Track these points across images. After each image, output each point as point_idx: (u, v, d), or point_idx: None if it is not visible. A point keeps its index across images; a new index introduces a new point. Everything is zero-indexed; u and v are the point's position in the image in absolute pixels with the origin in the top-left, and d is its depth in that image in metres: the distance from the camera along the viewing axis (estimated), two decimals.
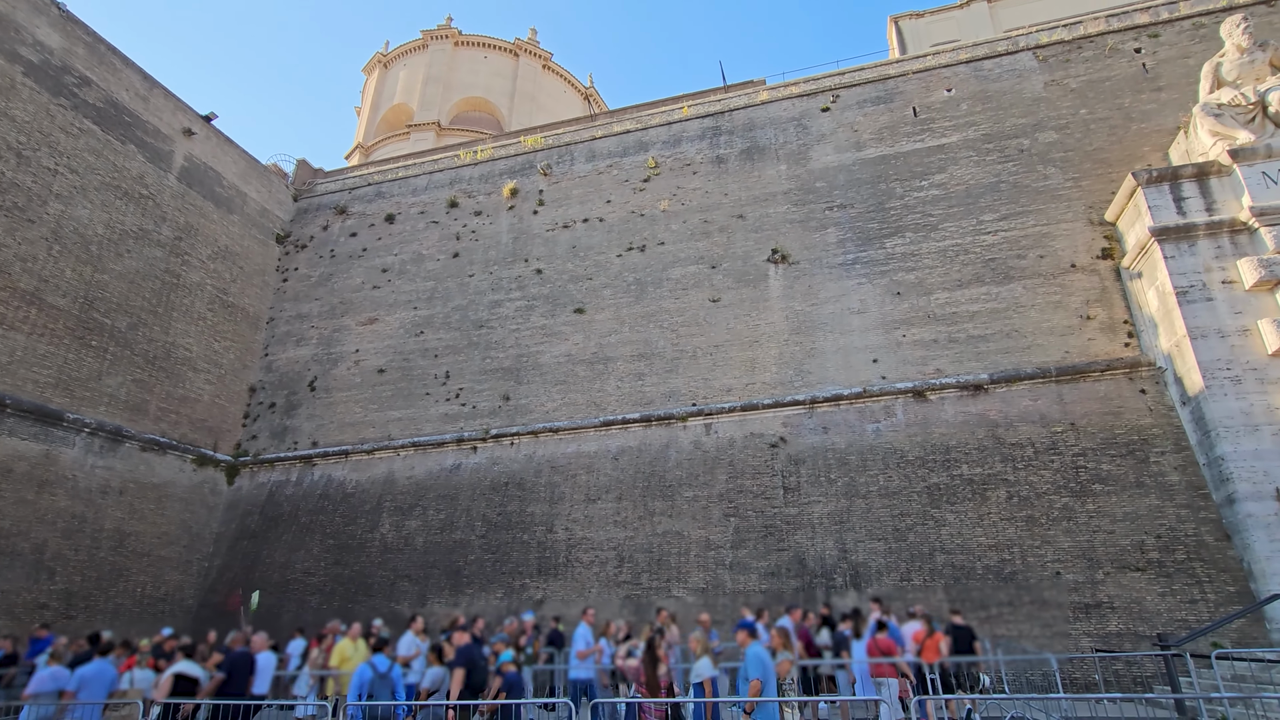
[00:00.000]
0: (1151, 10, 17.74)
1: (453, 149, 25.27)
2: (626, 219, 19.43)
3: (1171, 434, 12.67)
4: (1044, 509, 12.55)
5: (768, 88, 20.57)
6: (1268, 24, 15.94)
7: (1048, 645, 11.21)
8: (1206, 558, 11.38)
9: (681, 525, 14.46)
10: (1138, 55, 17.03)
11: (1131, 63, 16.98)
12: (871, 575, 12.79)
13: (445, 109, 37.30)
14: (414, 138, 35.71)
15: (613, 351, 17.46)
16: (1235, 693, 9.12)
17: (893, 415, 14.49)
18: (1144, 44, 17.15)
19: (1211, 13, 16.98)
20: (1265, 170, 12.68)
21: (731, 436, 15.34)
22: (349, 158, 39.17)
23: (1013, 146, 16.75)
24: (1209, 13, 17.03)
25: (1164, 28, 17.24)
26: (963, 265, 15.72)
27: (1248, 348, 11.91)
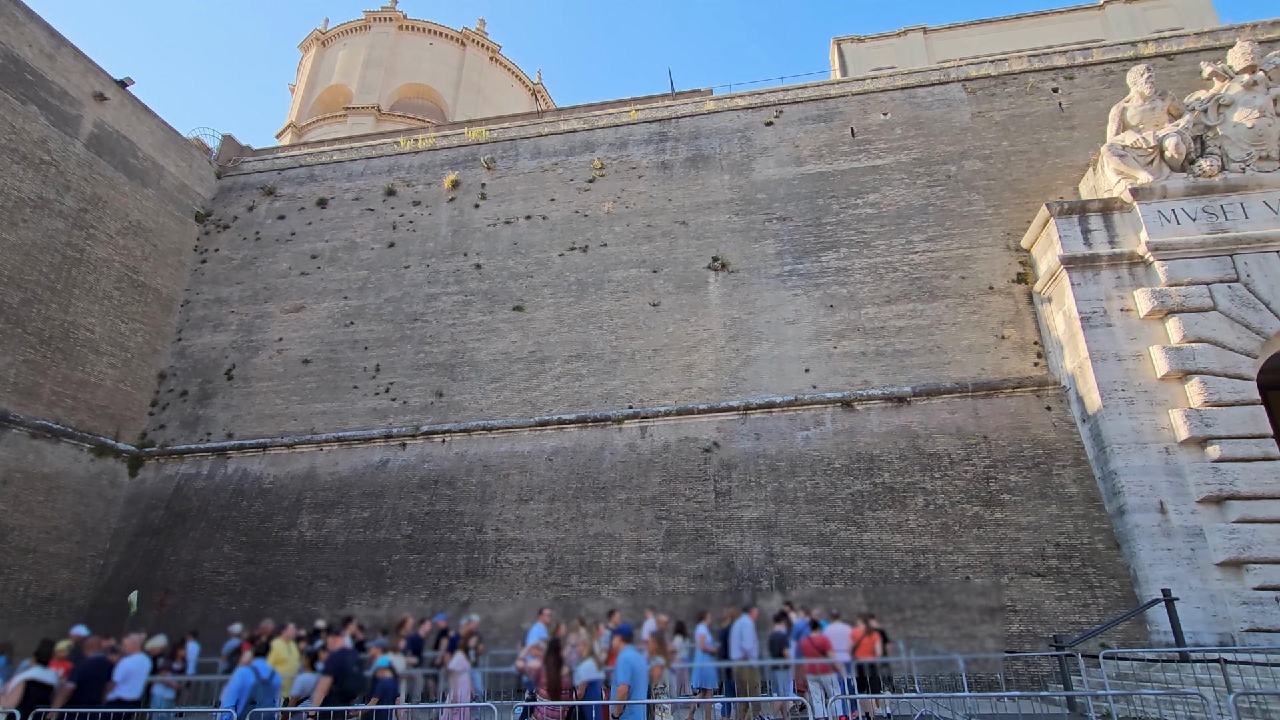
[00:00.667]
0: (1068, 54, 19.07)
1: (392, 135, 24.51)
2: (570, 218, 19.34)
3: (1072, 449, 13.62)
4: (957, 517, 13.24)
5: (714, 98, 20.91)
6: (1167, 76, 17.40)
7: (956, 646, 11.82)
8: (1098, 564, 12.29)
9: (614, 527, 14.48)
10: (1055, 94, 18.27)
11: (1049, 101, 18.20)
12: (796, 578, 13.17)
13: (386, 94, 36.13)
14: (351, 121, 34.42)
15: (551, 351, 17.33)
16: (1118, 690, 9.89)
17: (822, 424, 14.98)
18: (1060, 85, 18.42)
19: (1120, 61, 18.40)
20: (1161, 209, 13.83)
21: (667, 440, 15.48)
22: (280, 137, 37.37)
23: (941, 172, 17.64)
24: (1117, 61, 18.46)
25: (1078, 71, 18.57)
26: (892, 282, 16.42)
27: (1140, 371, 12.95)
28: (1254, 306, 12.72)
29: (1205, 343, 12.57)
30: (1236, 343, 12.51)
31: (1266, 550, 11.15)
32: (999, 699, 10.09)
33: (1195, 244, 13.31)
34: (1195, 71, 16.69)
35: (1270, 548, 11.15)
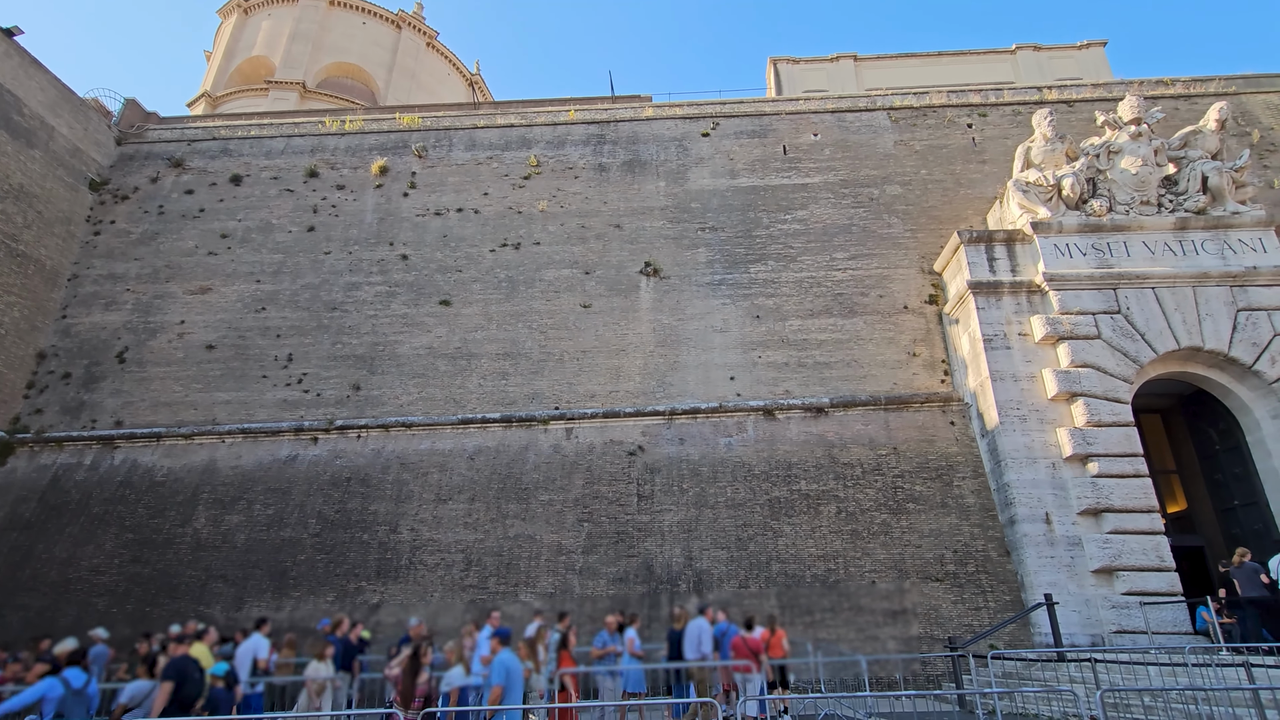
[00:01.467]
0: (982, 93, 20.43)
1: (318, 114, 23.39)
2: (503, 214, 19.03)
3: (971, 462, 14.55)
4: (866, 524, 13.88)
5: (654, 105, 21.13)
6: (1067, 120, 18.91)
7: (860, 648, 12.37)
8: (991, 570, 13.18)
9: (535, 529, 14.32)
10: (969, 129, 19.52)
11: (964, 135, 19.42)
12: (713, 582, 13.43)
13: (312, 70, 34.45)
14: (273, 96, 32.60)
15: (478, 348, 16.97)
16: (1003, 688, 10.62)
17: (744, 431, 15.35)
18: (975, 121, 19.69)
19: (1027, 103, 19.87)
20: (1057, 243, 15.01)
21: (592, 442, 15.46)
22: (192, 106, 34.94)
23: (865, 195, 18.49)
24: (1025, 103, 19.92)
25: (991, 109, 19.91)
26: (815, 297, 17.05)
27: (1034, 392, 13.99)
28: (1132, 337, 13.99)
29: (1089, 368, 13.72)
30: (1116, 369, 13.73)
31: (1134, 559, 12.27)
32: (897, 698, 10.61)
33: (1085, 277, 14.51)
34: (1091, 119, 18.22)
35: (1137, 557, 12.28)
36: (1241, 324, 13.88)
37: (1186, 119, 18.19)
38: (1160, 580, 12.13)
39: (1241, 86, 19.66)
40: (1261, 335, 13.76)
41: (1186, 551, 14.90)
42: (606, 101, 23.42)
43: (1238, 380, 13.98)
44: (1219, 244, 14.69)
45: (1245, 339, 13.77)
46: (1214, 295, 14.19)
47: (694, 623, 9.75)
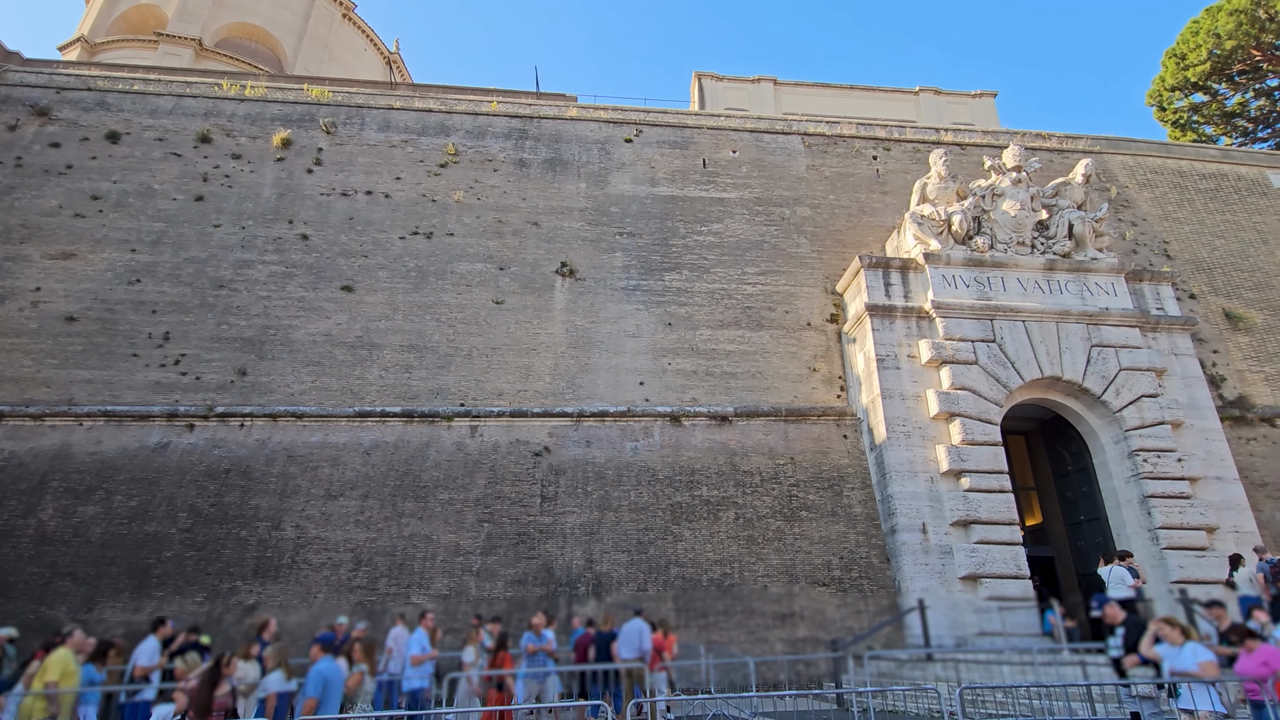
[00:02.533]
0: (887, 129, 21.82)
1: (215, 76, 21.68)
2: (416, 201, 18.36)
3: (860, 474, 15.44)
4: (762, 530, 14.42)
5: (579, 105, 21.08)
6: (959, 162, 20.52)
7: (750, 650, 12.82)
8: (872, 576, 14.03)
9: (432, 529, 13.86)
10: (874, 161, 20.78)
11: (870, 166, 20.66)
12: (613, 585, 13.50)
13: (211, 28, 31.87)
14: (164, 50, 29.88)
15: (381, 338, 16.26)
16: (876, 687, 11.33)
17: (650, 436, 15.56)
18: (879, 154, 20.99)
19: (926, 142, 21.41)
20: (945, 274, 16.24)
21: (497, 441, 15.17)
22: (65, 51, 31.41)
23: (777, 214, 19.26)
24: (924, 142, 21.46)
25: (894, 144, 21.30)
26: (726, 308, 17.56)
27: (918, 410, 15.04)
28: (1004, 364, 15.35)
29: (967, 390, 14.93)
30: (989, 393, 15.01)
31: (996, 567, 13.44)
32: (781, 698, 11.07)
33: (967, 307, 15.79)
34: (980, 162, 19.87)
35: (998, 565, 13.46)
36: (1094, 358, 15.56)
37: (1059, 171, 20.21)
38: (1017, 587, 13.34)
39: (1104, 147, 22.08)
40: (1110, 369, 15.47)
41: (1040, 561, 16.47)
42: (531, 97, 23.14)
43: (1089, 408, 15.64)
44: (1079, 285, 16.40)
45: (1096, 372, 15.44)
46: (1073, 331, 15.82)
47: (633, 623, 10.13)
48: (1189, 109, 36.71)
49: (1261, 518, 15.17)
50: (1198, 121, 36.85)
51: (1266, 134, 36.54)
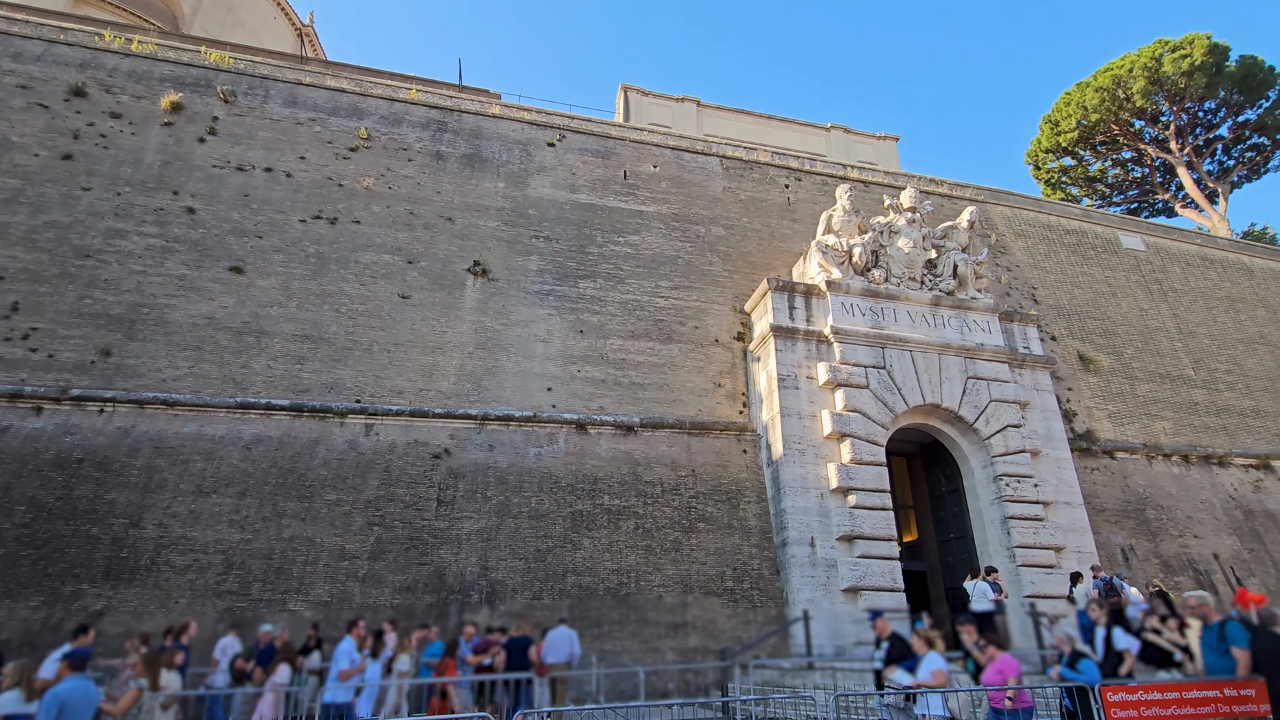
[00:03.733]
0: (800, 160, 22.92)
1: (96, 25, 19.66)
2: (321, 184, 17.39)
3: (757, 488, 15.99)
4: (660, 540, 14.61)
5: (502, 103, 20.76)
6: (862, 198, 21.85)
7: (642, 659, 12.92)
8: (763, 587, 14.54)
9: (315, 531, 13.06)
10: (786, 190, 21.75)
11: (782, 194, 21.60)
12: (507, 593, 13.23)
13: None
14: None
15: (272, 326, 15.21)
16: (759, 695, 11.73)
17: (555, 443, 15.43)
18: (791, 183, 22.00)
19: (834, 176, 22.65)
20: (844, 301, 17.20)
21: (394, 441, 14.54)
22: None
23: (693, 231, 19.73)
24: (832, 176, 22.70)
25: (805, 175, 22.39)
26: (638, 320, 17.75)
27: (813, 429, 15.79)
28: (891, 390, 16.41)
29: (857, 413, 15.84)
30: (877, 416, 15.99)
31: (875, 580, 14.28)
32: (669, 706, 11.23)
33: (862, 334, 16.78)
34: (880, 200, 21.24)
35: (877, 578, 14.31)
36: (969, 389, 16.94)
37: (948, 215, 21.95)
38: (892, 599, 14.22)
39: (987, 197, 24.20)
40: (982, 400, 16.89)
41: (913, 575, 17.66)
42: (453, 89, 22.56)
43: (962, 435, 17.00)
44: (960, 321, 17.85)
45: (970, 402, 16.81)
46: (953, 363, 17.17)
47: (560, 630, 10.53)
48: (1059, 170, 41.00)
49: (1100, 539, 16.99)
50: (1065, 182, 41.22)
51: (1120, 199, 41.39)
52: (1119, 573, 15.26)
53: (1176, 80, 33.94)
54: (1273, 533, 19.38)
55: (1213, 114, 36.28)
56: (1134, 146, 38.22)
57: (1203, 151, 37.39)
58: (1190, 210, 38.09)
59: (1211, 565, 17.97)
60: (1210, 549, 18.29)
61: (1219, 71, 33.84)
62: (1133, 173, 39.99)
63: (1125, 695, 7.04)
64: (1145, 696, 7.07)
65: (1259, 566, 18.41)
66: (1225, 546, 18.49)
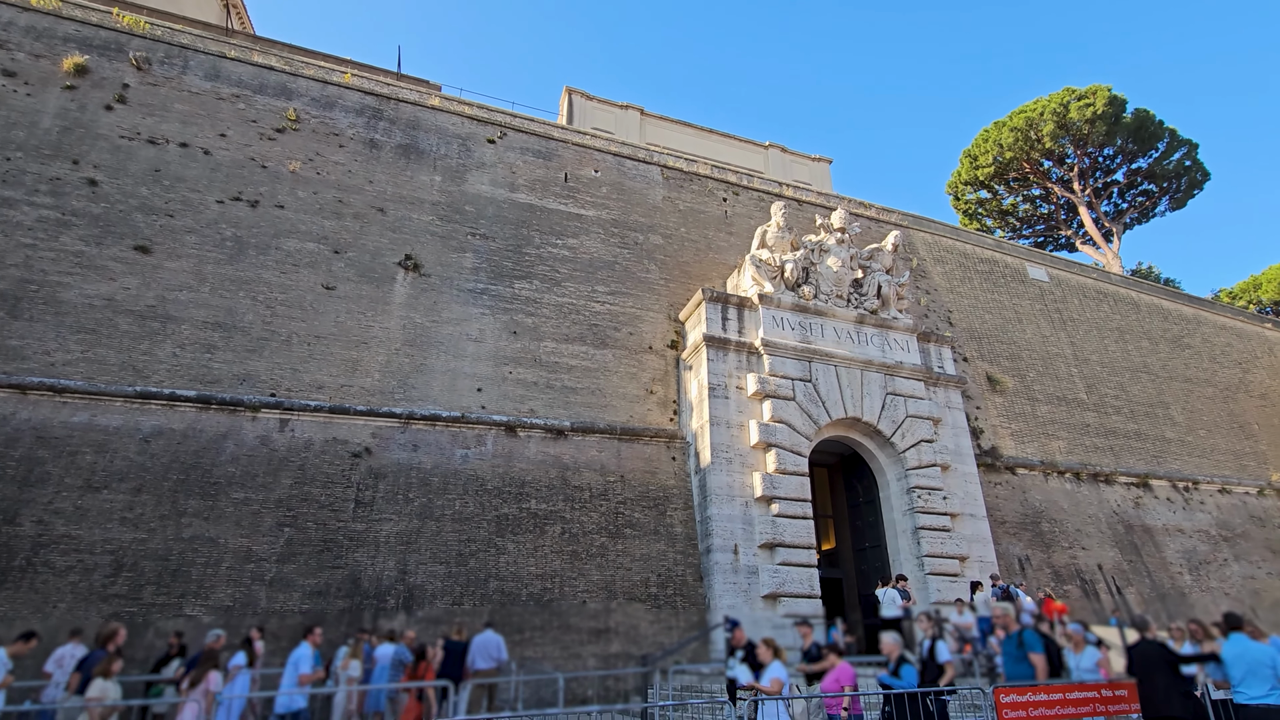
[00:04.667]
0: (738, 175, 23.44)
1: None
2: (242, 164, 16.47)
3: (684, 495, 16.17)
4: (586, 546, 14.54)
5: (442, 95, 20.28)
6: (796, 216, 22.56)
7: (563, 665, 12.80)
8: (686, 593, 14.68)
9: (220, 531, 12.28)
10: (724, 203, 22.19)
11: (720, 207, 22.02)
12: (426, 598, 12.83)
13: None
14: None
15: (180, 311, 14.25)
16: (678, 700, 11.82)
17: (483, 445, 15.12)
18: (729, 197, 22.47)
19: (769, 193, 23.29)
20: (775, 315, 17.67)
21: (311, 438, 13.87)
22: None
23: (631, 238, 19.83)
24: (768, 193, 23.33)
25: (743, 190, 22.92)
26: (573, 323, 17.66)
27: (741, 439, 16.12)
28: (816, 403, 16.97)
29: (783, 424, 16.28)
30: (802, 427, 16.49)
31: (794, 587, 14.68)
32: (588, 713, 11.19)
33: (790, 348, 17.28)
34: (813, 219, 21.98)
35: (796, 585, 14.72)
36: (888, 404, 17.72)
37: (874, 237, 22.94)
38: (809, 605, 14.66)
39: (911, 223, 25.46)
40: (899, 415, 17.70)
41: (830, 582, 18.26)
42: (391, 77, 21.90)
43: (880, 448, 17.75)
44: (882, 340, 18.66)
45: (889, 416, 17.59)
46: (874, 379, 17.93)
47: (486, 634, 10.61)
48: (976, 202, 43.62)
49: (1000, 550, 18.09)
50: (981, 213, 43.89)
51: (1029, 232, 44.41)
52: (1016, 581, 16.30)
53: (1081, 126, 36.80)
54: (1148, 546, 21.18)
55: (1111, 160, 39.54)
56: (1042, 184, 41.13)
57: (1101, 194, 40.66)
58: (1089, 247, 41.31)
59: (1096, 575, 19.44)
60: (1095, 560, 19.80)
61: (1117, 121, 36.94)
62: (1041, 209, 43.02)
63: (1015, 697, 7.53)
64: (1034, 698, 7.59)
65: (1135, 576, 20.06)
66: (1108, 558, 20.05)
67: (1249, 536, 23.26)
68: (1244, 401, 27.72)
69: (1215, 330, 29.72)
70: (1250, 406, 27.74)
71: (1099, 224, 40.48)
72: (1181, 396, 26.20)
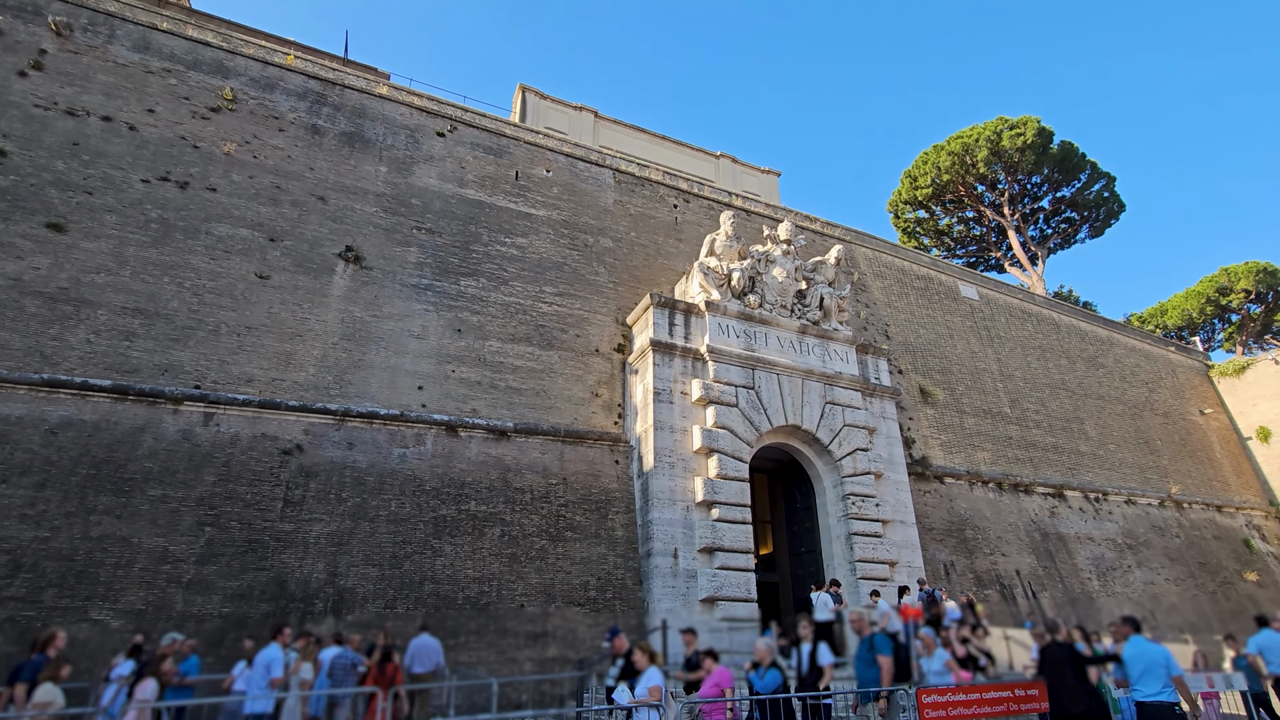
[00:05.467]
0: (690, 183, 23.70)
1: None
2: (172, 142, 15.62)
3: (626, 499, 16.19)
4: (526, 549, 14.36)
5: (391, 84, 19.74)
6: (744, 226, 22.96)
7: (498, 670, 12.59)
8: (625, 597, 14.69)
9: (133, 530, 11.56)
10: (674, 210, 22.39)
11: (670, 213, 22.19)
12: (357, 602, 12.41)
13: None
14: None
15: (97, 295, 13.38)
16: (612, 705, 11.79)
17: (423, 444, 14.75)
18: (679, 204, 22.68)
19: (719, 203, 23.64)
20: (721, 322, 17.93)
21: (237, 433, 13.23)
22: None
23: (581, 240, 19.76)
24: (718, 202, 23.67)
25: (693, 199, 23.17)
26: (520, 323, 17.46)
27: (684, 443, 16.26)
28: (759, 410, 17.29)
29: (726, 430, 16.52)
30: (744, 433, 16.77)
31: (731, 591, 14.89)
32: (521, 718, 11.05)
33: (735, 355, 17.56)
34: (760, 230, 22.42)
35: (733, 589, 14.93)
36: (827, 413, 18.22)
37: (818, 250, 23.58)
38: (746, 609, 14.90)
39: (853, 238, 26.28)
40: (837, 424, 18.22)
41: (766, 586, 18.61)
42: (337, 62, 21.20)
43: (818, 456, 18.22)
44: (823, 350, 19.18)
45: (827, 425, 18.08)
46: (814, 388, 18.40)
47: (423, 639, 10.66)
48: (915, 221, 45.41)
49: (927, 555, 18.82)
50: (919, 232, 45.71)
51: (962, 252, 46.51)
52: (940, 586, 17.00)
53: (1012, 154, 38.83)
54: (1062, 553, 22.44)
55: (1038, 187, 41.86)
56: (976, 207, 43.18)
57: (1029, 219, 42.99)
58: (1016, 269, 43.59)
59: (1014, 580, 20.47)
60: (1014, 566, 20.84)
61: (1045, 151, 39.15)
62: (974, 230, 45.13)
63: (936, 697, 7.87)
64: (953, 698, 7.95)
65: (1050, 581, 21.22)
66: (1025, 564, 21.15)
67: (1150, 545, 24.96)
68: (1149, 419, 29.76)
69: (1126, 351, 31.82)
70: (1154, 424, 29.80)
71: (1026, 248, 42.76)
72: (1095, 413, 27.91)
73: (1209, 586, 25.06)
